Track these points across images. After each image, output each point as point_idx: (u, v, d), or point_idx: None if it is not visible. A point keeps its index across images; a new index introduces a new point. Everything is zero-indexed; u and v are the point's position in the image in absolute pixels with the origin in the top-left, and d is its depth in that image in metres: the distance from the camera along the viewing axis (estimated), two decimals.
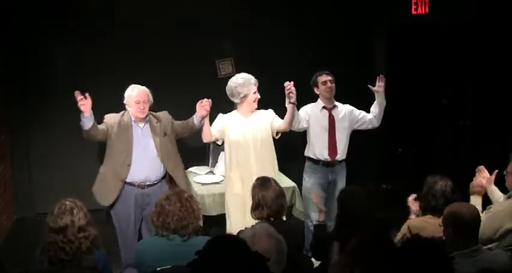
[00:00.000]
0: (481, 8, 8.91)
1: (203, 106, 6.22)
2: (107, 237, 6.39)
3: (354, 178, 6.76)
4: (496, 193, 5.25)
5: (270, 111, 6.37)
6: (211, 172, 7.45)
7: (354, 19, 8.88)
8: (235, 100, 6.27)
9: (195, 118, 6.41)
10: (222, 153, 7.25)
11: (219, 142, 6.37)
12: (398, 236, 4.81)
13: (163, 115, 6.54)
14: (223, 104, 8.47)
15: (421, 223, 4.75)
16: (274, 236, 3.40)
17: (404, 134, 8.14)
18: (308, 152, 6.89)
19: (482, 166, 5.28)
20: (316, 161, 6.81)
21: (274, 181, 5.02)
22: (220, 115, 6.30)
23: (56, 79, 8.16)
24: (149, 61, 8.28)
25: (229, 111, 6.43)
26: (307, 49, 8.69)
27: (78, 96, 5.81)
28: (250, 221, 4.92)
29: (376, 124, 6.89)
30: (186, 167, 7.33)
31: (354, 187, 5.00)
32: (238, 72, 8.50)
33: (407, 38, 9.20)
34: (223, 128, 6.21)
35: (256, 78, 6.39)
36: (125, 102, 6.30)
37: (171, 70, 8.38)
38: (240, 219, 5.93)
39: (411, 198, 5.24)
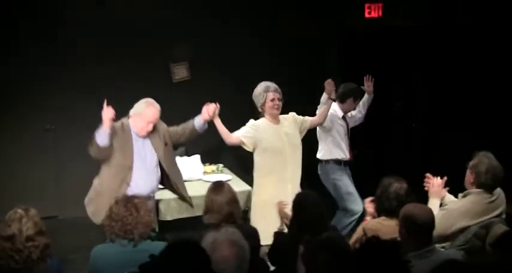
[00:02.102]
0: (432, 12, 9.04)
1: (208, 109, 6.03)
2: (62, 245, 6.35)
3: (312, 180, 6.78)
4: (447, 197, 5.31)
5: (293, 114, 6.45)
6: None
7: (307, 22, 8.92)
8: (259, 109, 6.29)
9: (196, 122, 6.14)
10: (176, 158, 7.20)
11: (249, 149, 6.19)
12: (354, 238, 4.82)
13: (159, 123, 6.13)
14: (179, 109, 8.47)
15: (376, 224, 4.77)
16: (237, 243, 3.31)
17: (358, 136, 8.16)
18: (331, 154, 7.27)
19: (428, 174, 5.32)
20: (339, 162, 7.30)
21: (229, 186, 4.99)
22: (251, 121, 6.24)
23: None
24: (102, 67, 8.21)
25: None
26: (261, 52, 8.70)
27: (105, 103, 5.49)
28: (272, 225, 5.48)
29: (362, 120, 7.56)
30: None
31: (307, 191, 5.02)
32: (193, 76, 8.53)
33: (360, 41, 9.28)
34: (254, 135, 6.12)
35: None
36: (131, 113, 5.92)
37: (125, 76, 8.30)
38: (262, 224, 5.67)
39: (368, 200, 5.26)
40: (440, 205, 5.18)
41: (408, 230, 4.03)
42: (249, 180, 7.07)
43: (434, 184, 5.22)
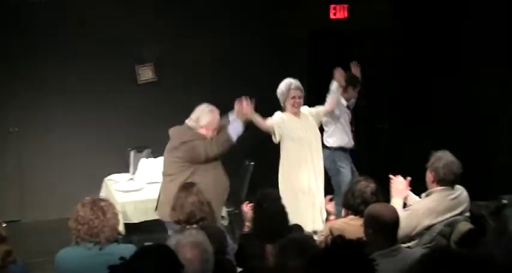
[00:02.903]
0: (397, 14, 9.12)
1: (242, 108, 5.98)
2: (26, 249, 6.28)
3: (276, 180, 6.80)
4: (411, 197, 5.37)
5: (306, 108, 6.83)
6: (132, 180, 7.34)
7: (273, 23, 8.94)
8: (281, 104, 6.71)
9: (232, 131, 5.90)
10: (142, 160, 7.17)
11: (276, 139, 6.55)
12: (320, 238, 4.85)
13: None
14: (144, 110, 8.43)
15: (342, 224, 4.79)
16: (200, 246, 3.29)
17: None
18: (339, 141, 7.64)
19: (391, 175, 5.36)
20: (345, 150, 7.71)
21: (198, 189, 5.01)
22: (278, 113, 6.64)
23: None
24: (67, 69, 8.13)
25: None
26: (229, 52, 8.70)
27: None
28: (304, 210, 6.17)
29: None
30: (107, 175, 7.23)
31: (269, 190, 5.06)
32: (159, 77, 8.49)
33: (326, 41, 9.32)
34: (281, 126, 6.53)
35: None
36: (202, 124, 5.90)
37: (90, 77, 8.23)
38: (310, 213, 6.44)
39: (327, 199, 5.29)
40: (405, 205, 5.23)
41: (374, 229, 4.06)
42: None
43: (397, 183, 5.27)
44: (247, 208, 5.40)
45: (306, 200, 6.51)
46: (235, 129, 5.83)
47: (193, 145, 5.76)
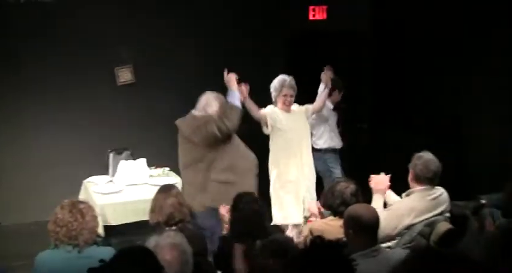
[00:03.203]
0: (376, 15, 9.17)
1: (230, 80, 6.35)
2: (5, 252, 6.24)
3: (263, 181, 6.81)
4: (391, 196, 5.39)
5: (296, 105, 6.90)
6: (111, 182, 7.30)
7: (253, 24, 8.94)
8: (273, 99, 6.79)
9: (231, 99, 6.25)
10: (121, 162, 7.14)
11: (267, 130, 6.68)
12: (300, 239, 4.85)
13: None
14: (123, 112, 8.41)
15: (322, 225, 4.81)
16: (179, 247, 3.30)
17: None
18: (326, 142, 7.86)
19: (372, 175, 5.39)
20: (335, 151, 7.99)
21: (177, 190, 5.01)
22: (270, 106, 6.76)
23: None
24: (46, 70, 8.07)
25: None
26: (206, 52, 8.68)
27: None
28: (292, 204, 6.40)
29: None
30: (86, 177, 7.19)
31: (245, 191, 5.06)
32: (138, 79, 8.45)
33: (305, 42, 9.34)
34: (273, 117, 6.63)
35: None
36: (209, 110, 6.09)
37: (69, 79, 8.17)
38: (294, 203, 6.59)
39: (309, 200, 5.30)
40: (385, 205, 5.25)
41: (354, 230, 4.06)
42: None
43: (377, 180, 5.29)
44: (224, 210, 5.40)
45: (293, 192, 6.65)
46: (232, 97, 6.16)
47: (206, 128, 5.91)
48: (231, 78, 6.32)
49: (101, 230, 5.86)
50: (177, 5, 8.55)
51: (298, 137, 6.74)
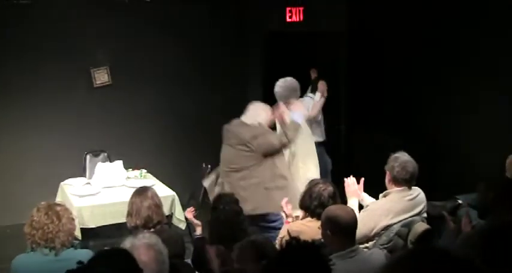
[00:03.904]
0: (352, 17, 9.21)
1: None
2: None
3: None
4: (366, 199, 5.43)
5: None
6: (89, 184, 7.26)
7: (230, 25, 8.94)
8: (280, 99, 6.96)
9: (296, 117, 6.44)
10: (98, 164, 7.11)
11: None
12: (277, 240, 4.85)
13: None
14: (100, 113, 8.36)
15: (300, 226, 4.81)
16: (154, 248, 3.31)
17: None
18: (316, 138, 7.70)
19: (345, 179, 5.43)
20: (323, 143, 8.06)
21: (153, 192, 4.99)
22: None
23: None
24: (23, 71, 8.00)
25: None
26: (183, 54, 8.67)
27: None
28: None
29: None
30: (63, 179, 7.15)
31: (225, 192, 5.07)
32: (115, 80, 8.41)
33: (282, 44, 9.36)
34: None
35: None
36: (259, 119, 6.31)
37: (45, 81, 8.11)
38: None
39: (284, 201, 5.31)
40: (361, 207, 5.28)
41: (331, 231, 4.07)
42: (172, 185, 7.04)
43: (350, 184, 5.33)
44: (189, 214, 5.42)
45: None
46: (297, 115, 6.37)
47: (267, 138, 6.17)
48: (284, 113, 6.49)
49: (78, 233, 5.83)
50: (153, 5, 8.52)
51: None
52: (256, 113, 6.29)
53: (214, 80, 8.70)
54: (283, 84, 6.96)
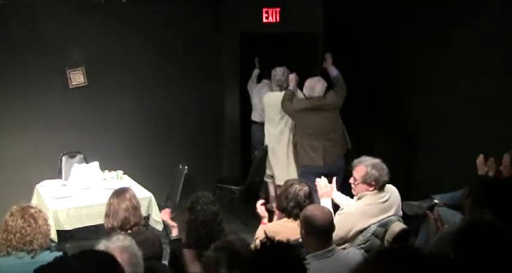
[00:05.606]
0: (328, 18, 9.24)
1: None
2: None
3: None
4: (337, 197, 5.47)
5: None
6: (65, 186, 7.21)
7: (207, 26, 8.93)
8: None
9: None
10: (74, 166, 7.07)
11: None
12: (255, 242, 4.85)
13: None
14: (76, 115, 8.30)
15: (277, 226, 4.82)
16: (128, 250, 3.31)
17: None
18: None
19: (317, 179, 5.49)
20: None
21: (131, 193, 4.99)
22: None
23: None
24: None
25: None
26: (158, 54, 8.63)
27: None
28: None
29: None
30: (38, 181, 7.09)
31: (203, 193, 5.05)
32: (90, 81, 8.35)
33: (258, 44, 9.37)
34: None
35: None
36: (316, 91, 7.59)
37: (21, 81, 8.02)
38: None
39: (259, 203, 5.31)
40: (336, 207, 5.31)
41: (308, 231, 4.09)
42: (149, 186, 7.02)
43: (321, 186, 5.37)
44: (165, 215, 5.41)
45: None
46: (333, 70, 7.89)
47: (332, 95, 7.64)
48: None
49: (54, 235, 5.80)
50: (129, 5, 8.47)
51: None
52: (315, 85, 7.59)
53: (191, 81, 8.67)
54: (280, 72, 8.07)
